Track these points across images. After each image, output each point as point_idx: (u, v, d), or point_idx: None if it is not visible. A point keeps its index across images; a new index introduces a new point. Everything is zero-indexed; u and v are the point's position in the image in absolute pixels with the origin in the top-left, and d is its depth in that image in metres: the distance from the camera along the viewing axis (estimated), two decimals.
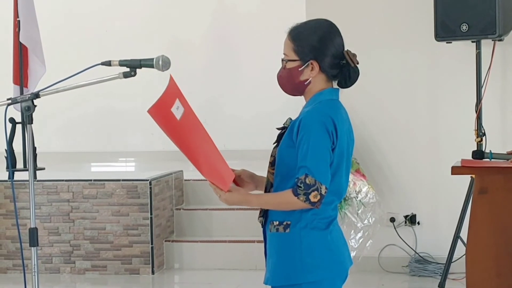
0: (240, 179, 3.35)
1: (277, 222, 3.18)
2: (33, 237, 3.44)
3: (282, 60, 3.24)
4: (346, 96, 3.27)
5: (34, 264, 3.46)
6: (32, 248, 3.45)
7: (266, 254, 3.29)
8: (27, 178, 3.52)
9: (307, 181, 3.02)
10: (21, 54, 7.81)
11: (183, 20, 9.50)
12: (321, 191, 3.03)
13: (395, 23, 7.03)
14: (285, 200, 3.09)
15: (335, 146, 3.10)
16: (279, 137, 3.24)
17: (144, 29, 9.49)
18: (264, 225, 3.27)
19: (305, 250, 3.14)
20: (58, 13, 9.53)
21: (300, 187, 3.03)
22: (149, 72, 3.49)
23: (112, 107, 9.64)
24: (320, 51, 3.17)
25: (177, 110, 3.07)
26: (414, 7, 6.94)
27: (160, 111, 3.03)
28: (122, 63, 3.35)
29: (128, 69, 3.35)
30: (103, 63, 3.37)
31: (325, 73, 3.20)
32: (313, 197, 3.03)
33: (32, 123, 3.48)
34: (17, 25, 7.76)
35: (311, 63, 3.17)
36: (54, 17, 9.34)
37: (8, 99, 3.53)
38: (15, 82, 7.86)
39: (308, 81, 3.20)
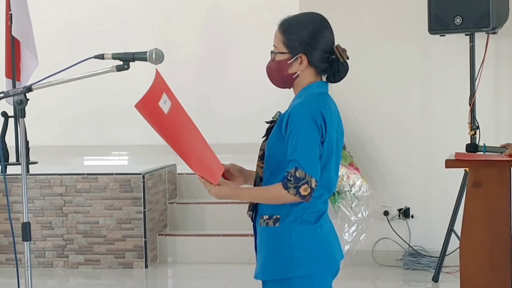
0: (229, 174, 3.32)
1: (267, 216, 3.16)
2: (26, 231, 3.43)
3: (272, 52, 3.22)
4: (339, 89, 3.27)
5: (27, 259, 3.44)
6: (25, 242, 3.43)
7: (256, 248, 3.27)
8: (20, 172, 3.50)
9: (297, 175, 3.00)
10: (13, 48, 7.77)
11: (175, 17, 9.48)
12: (311, 184, 3.01)
13: (389, 16, 7.02)
14: (275, 193, 3.07)
15: (324, 139, 3.08)
16: (268, 130, 3.22)
17: (135, 25, 9.47)
18: (254, 219, 3.26)
19: (295, 244, 3.12)
20: (50, 7, 9.49)
21: (290, 180, 3.01)
22: (142, 66, 3.46)
23: (105, 101, 9.61)
24: (310, 45, 3.15)
25: (164, 104, 3.04)
26: (407, 0, 6.93)
27: (147, 106, 3.01)
28: (115, 56, 3.33)
29: (121, 62, 3.33)
30: (96, 56, 3.35)
31: (314, 67, 3.18)
32: (303, 190, 3.01)
33: (24, 116, 3.45)
34: (9, 18, 7.72)
35: (300, 57, 3.15)
36: (46, 10, 9.30)
37: (0, 93, 3.51)
38: (7, 76, 7.83)
39: (296, 74, 3.18)
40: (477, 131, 6.32)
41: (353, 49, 3.24)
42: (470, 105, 6.35)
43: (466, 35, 6.37)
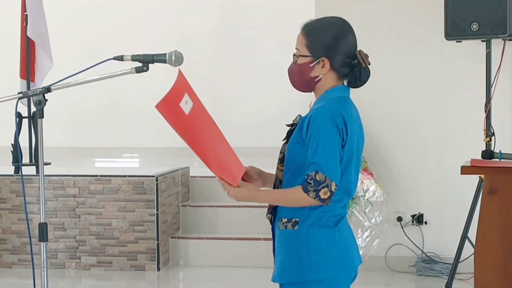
0: (248, 176, 3.31)
1: (286, 219, 3.16)
2: (43, 232, 3.42)
3: (294, 55, 3.21)
4: (354, 94, 3.25)
5: (44, 260, 3.43)
6: (42, 243, 3.42)
7: (274, 251, 3.26)
8: (32, 173, 3.50)
9: (317, 178, 3.00)
10: (28, 49, 7.79)
11: (190, 17, 9.47)
12: (331, 187, 3.01)
13: (405, 22, 7.01)
14: (294, 196, 3.07)
15: (345, 143, 3.08)
16: (289, 133, 3.22)
17: (149, 28, 9.46)
18: (272, 222, 3.25)
19: (313, 247, 3.11)
20: (65, 8, 9.50)
21: (310, 183, 3.01)
22: (155, 67, 3.45)
23: (117, 102, 9.60)
24: (332, 49, 3.15)
25: (185, 105, 3.04)
26: (424, 6, 6.92)
27: (168, 106, 3.00)
28: (134, 58, 3.31)
29: (140, 64, 3.32)
30: (115, 58, 3.33)
31: (336, 71, 3.17)
32: (323, 193, 3.01)
33: (43, 117, 3.45)
34: (24, 19, 7.75)
35: (322, 60, 3.15)
36: (61, 11, 9.31)
37: (19, 93, 3.51)
38: (22, 77, 7.85)
39: (318, 78, 3.17)
40: (493, 138, 6.29)
41: (368, 55, 3.22)
42: (485, 111, 6.32)
43: (483, 41, 6.35)
